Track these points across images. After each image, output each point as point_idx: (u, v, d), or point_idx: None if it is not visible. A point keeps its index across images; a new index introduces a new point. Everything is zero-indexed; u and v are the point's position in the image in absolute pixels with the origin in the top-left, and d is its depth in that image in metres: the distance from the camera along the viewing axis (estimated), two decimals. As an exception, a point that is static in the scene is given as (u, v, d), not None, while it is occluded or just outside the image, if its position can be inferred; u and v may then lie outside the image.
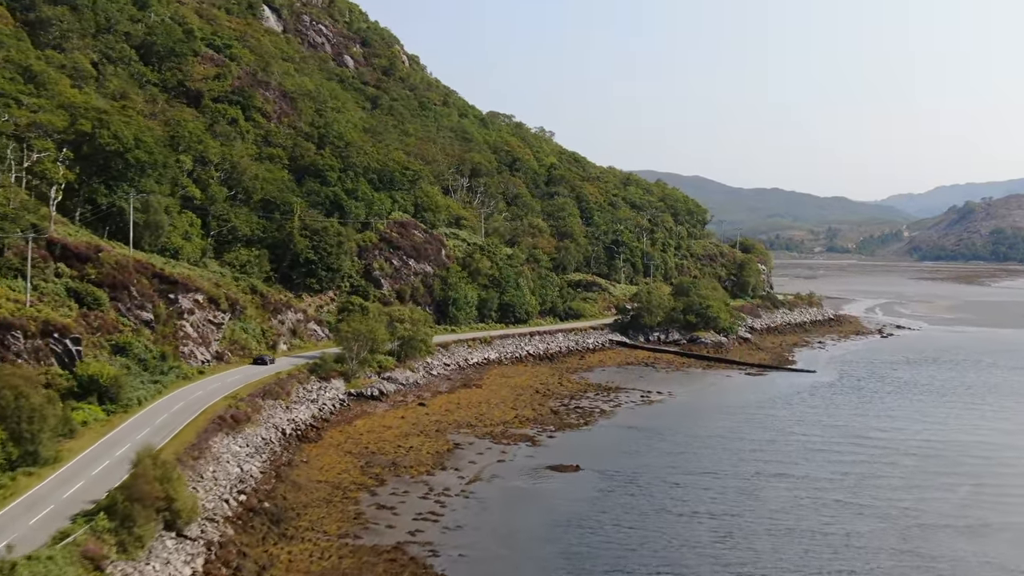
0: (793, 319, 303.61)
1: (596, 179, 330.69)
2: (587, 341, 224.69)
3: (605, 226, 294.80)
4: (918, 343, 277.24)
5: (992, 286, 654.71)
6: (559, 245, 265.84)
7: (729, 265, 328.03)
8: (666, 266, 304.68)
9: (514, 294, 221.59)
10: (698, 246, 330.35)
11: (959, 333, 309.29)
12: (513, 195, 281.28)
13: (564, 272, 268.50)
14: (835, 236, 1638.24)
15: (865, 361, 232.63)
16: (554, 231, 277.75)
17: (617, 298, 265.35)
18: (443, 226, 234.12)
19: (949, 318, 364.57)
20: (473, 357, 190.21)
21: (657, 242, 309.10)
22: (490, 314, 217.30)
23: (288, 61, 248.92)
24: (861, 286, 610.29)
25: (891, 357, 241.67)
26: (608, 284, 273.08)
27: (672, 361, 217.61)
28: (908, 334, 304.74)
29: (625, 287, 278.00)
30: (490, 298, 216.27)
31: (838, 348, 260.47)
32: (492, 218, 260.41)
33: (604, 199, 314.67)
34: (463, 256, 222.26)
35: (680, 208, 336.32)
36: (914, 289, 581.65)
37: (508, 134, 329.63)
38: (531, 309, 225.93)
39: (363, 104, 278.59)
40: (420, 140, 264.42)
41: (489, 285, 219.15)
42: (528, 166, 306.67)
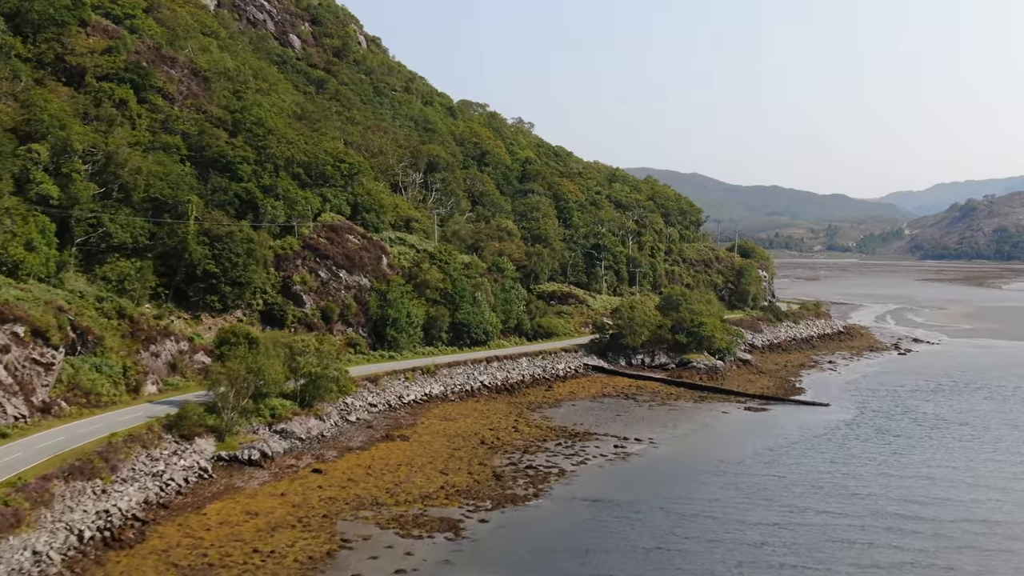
0: (799, 334, 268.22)
1: (578, 175, 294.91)
2: (557, 367, 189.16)
3: (586, 228, 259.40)
4: (941, 361, 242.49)
5: (1004, 289, 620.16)
6: (530, 251, 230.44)
7: (726, 271, 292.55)
8: (654, 273, 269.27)
9: (470, 311, 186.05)
10: (691, 250, 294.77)
11: (984, 348, 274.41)
12: (479, 193, 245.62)
13: (536, 282, 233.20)
14: (835, 234, 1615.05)
15: (885, 388, 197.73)
16: (526, 234, 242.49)
17: (597, 312, 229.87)
18: (389, 229, 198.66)
19: (968, 328, 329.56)
20: (410, 393, 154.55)
21: (645, 246, 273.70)
22: (439, 336, 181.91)
23: (210, 36, 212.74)
24: (866, 289, 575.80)
25: (914, 381, 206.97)
26: (587, 296, 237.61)
27: (658, 391, 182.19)
28: (927, 349, 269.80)
29: (607, 299, 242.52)
30: (440, 316, 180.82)
31: (851, 369, 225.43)
32: (452, 220, 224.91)
33: (586, 197, 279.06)
34: (409, 266, 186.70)
35: (671, 208, 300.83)
36: (923, 292, 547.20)
37: (479, 125, 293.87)
38: (491, 329, 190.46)
39: (306, 88, 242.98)
40: (368, 129, 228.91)
41: (440, 300, 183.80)
42: (499, 160, 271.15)
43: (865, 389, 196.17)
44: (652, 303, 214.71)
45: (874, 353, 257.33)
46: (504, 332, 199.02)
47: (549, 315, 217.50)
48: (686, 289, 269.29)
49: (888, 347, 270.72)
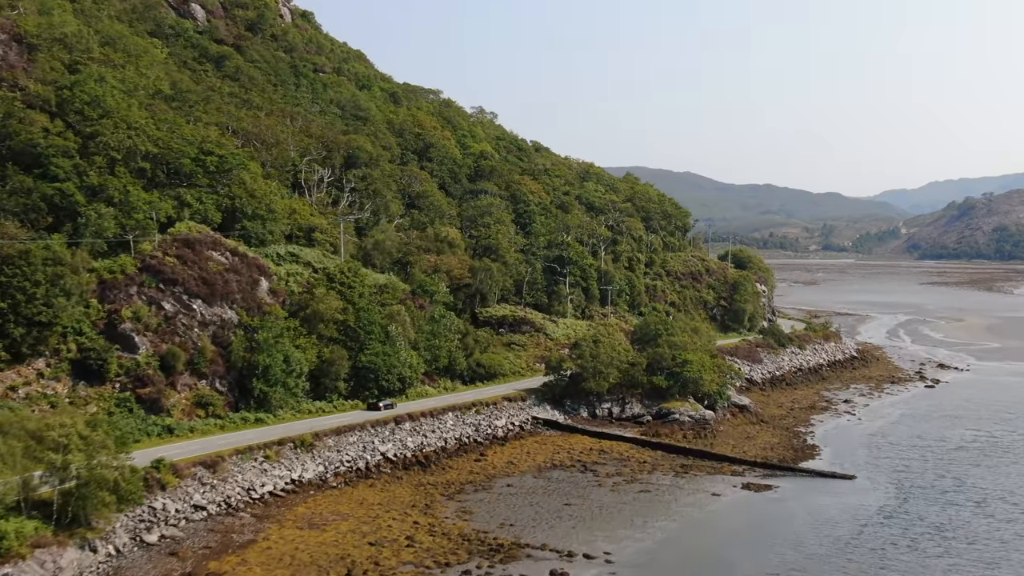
0: (806, 362, 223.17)
1: (544, 173, 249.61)
2: (496, 423, 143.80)
3: (548, 236, 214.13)
4: (978, 396, 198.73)
5: (1015, 294, 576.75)
6: (476, 266, 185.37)
7: (718, 286, 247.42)
8: (632, 291, 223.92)
9: (379, 351, 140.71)
10: (676, 260, 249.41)
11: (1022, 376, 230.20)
12: (415, 194, 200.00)
13: (483, 304, 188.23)
14: (830, 233, 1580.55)
15: (922, 442, 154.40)
16: (473, 245, 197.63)
17: (557, 342, 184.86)
18: (281, 242, 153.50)
19: (995, 348, 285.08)
20: (267, 481, 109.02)
21: (621, 257, 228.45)
22: (334, 386, 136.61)
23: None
24: (869, 295, 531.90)
25: (956, 430, 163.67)
26: (546, 321, 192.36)
27: (627, 457, 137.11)
28: (957, 378, 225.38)
29: (572, 323, 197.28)
30: (336, 360, 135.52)
31: (874, 412, 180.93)
32: (377, 228, 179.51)
33: (551, 199, 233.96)
34: (300, 291, 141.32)
35: (653, 211, 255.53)
36: (931, 299, 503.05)
37: (426, 114, 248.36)
38: (409, 373, 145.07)
39: (198, 66, 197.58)
40: (270, 115, 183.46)
41: (338, 338, 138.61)
42: (446, 155, 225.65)
43: (897, 446, 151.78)
44: (622, 336, 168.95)
45: (897, 386, 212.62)
46: (430, 375, 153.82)
47: (495, 349, 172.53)
48: (668, 313, 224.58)
49: (911, 376, 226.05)
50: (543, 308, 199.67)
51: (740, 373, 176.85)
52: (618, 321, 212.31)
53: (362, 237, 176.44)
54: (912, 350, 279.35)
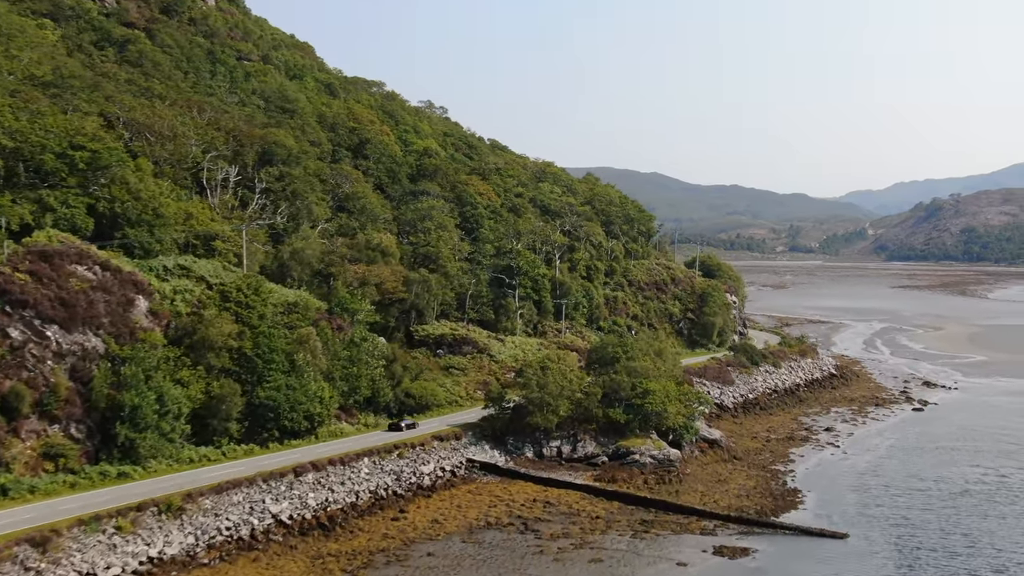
0: (781, 382, 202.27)
1: (496, 172, 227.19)
2: (422, 469, 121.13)
3: (497, 243, 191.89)
4: (972, 421, 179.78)
5: (989, 298, 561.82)
6: (412, 277, 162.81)
7: (685, 296, 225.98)
8: (590, 303, 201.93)
9: (282, 383, 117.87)
10: (640, 269, 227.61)
11: (1018, 395, 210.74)
12: (345, 195, 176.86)
13: (419, 321, 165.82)
14: (797, 234, 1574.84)
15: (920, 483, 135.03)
16: (410, 253, 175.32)
17: (503, 364, 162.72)
18: (173, 252, 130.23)
19: (981, 362, 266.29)
20: (114, 561, 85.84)
21: (578, 266, 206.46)
22: (224, 429, 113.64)
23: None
24: (841, 300, 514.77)
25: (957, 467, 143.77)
26: (491, 340, 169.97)
27: (578, 510, 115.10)
28: (946, 399, 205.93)
29: (521, 342, 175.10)
30: (227, 396, 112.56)
31: (859, 443, 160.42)
32: (297, 235, 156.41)
33: (502, 201, 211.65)
34: (188, 312, 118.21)
35: (615, 214, 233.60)
36: (906, 305, 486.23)
37: (367, 106, 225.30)
38: (320, 409, 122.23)
39: (101, 51, 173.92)
40: (172, 105, 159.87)
41: (231, 369, 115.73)
42: (384, 152, 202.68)
43: (890, 489, 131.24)
44: (575, 360, 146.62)
45: (882, 409, 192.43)
46: (348, 410, 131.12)
47: (432, 373, 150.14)
48: (631, 328, 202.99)
49: (896, 397, 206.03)
50: (489, 325, 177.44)
51: (709, 401, 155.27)
52: (574, 337, 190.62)
53: (279, 245, 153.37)
54: (893, 364, 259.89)
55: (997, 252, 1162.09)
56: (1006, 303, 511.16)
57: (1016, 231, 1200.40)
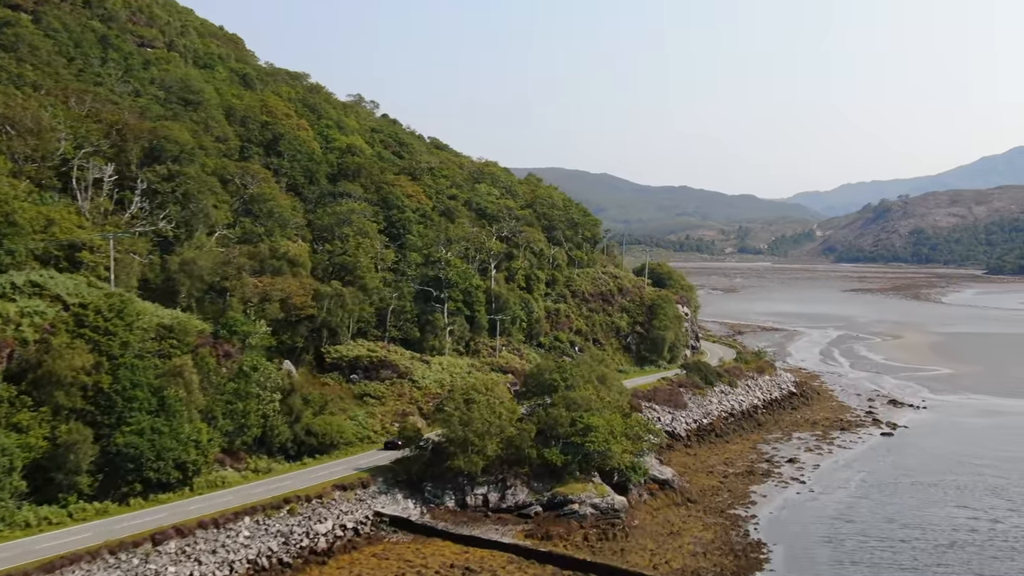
0: (738, 403, 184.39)
1: (428, 172, 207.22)
2: (318, 528, 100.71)
3: (422, 252, 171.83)
4: (949, 450, 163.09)
5: (943, 302, 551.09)
6: (322, 291, 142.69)
7: (633, 308, 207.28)
8: (530, 317, 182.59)
9: (147, 426, 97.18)
10: (584, 278, 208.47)
11: (989, 414, 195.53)
12: (246, 199, 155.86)
13: (332, 342, 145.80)
14: (746, 236, 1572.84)
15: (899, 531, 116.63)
16: (324, 263, 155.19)
17: (427, 391, 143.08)
18: (29, 266, 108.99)
19: (947, 375, 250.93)
20: None
21: (516, 275, 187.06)
22: (71, 483, 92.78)
23: None
24: (793, 304, 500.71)
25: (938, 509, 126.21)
26: (414, 362, 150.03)
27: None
28: (916, 420, 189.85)
29: (449, 363, 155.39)
30: (74, 443, 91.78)
31: (828, 479, 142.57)
32: (191, 243, 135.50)
33: (433, 205, 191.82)
34: (37, 339, 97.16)
35: (557, 218, 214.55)
36: (860, 310, 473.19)
37: (285, 99, 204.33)
38: (195, 455, 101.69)
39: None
40: (50, 93, 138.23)
41: (83, 411, 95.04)
42: (300, 149, 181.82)
43: (868, 540, 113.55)
44: (505, 389, 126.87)
45: (848, 434, 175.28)
46: (234, 453, 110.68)
47: (341, 404, 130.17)
48: (574, 344, 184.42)
49: (862, 418, 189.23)
50: (414, 344, 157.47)
51: (660, 434, 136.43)
52: (511, 356, 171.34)
53: (168, 256, 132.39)
54: (854, 378, 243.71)
55: (946, 254, 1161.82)
56: (961, 308, 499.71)
57: (964, 232, 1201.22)
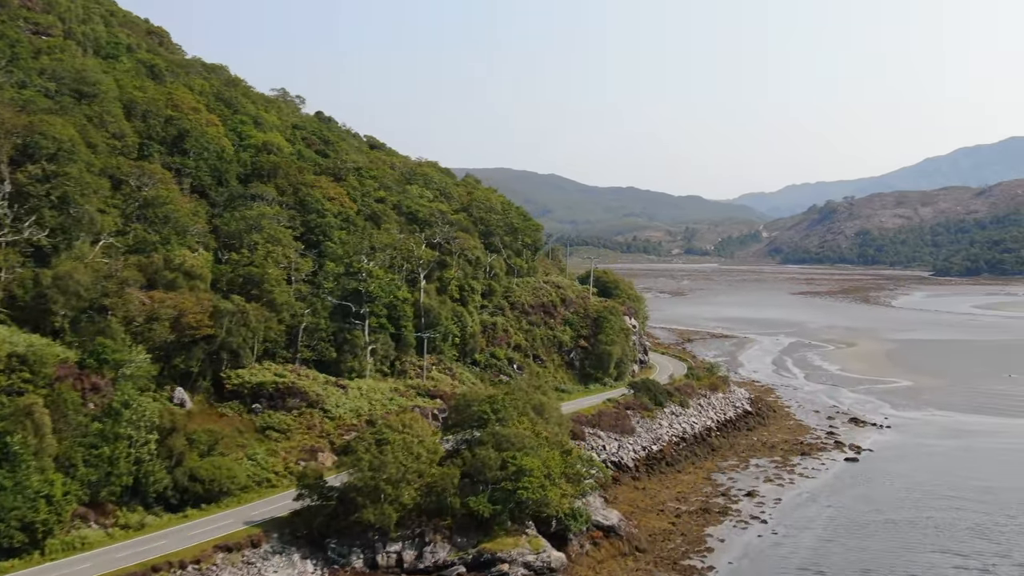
0: (690, 426, 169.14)
1: (356, 172, 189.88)
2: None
3: (347, 259, 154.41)
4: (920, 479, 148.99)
5: (894, 305, 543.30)
6: (222, 307, 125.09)
7: (577, 321, 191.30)
8: (464, 332, 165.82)
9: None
10: (524, 288, 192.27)
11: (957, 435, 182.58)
12: (144, 201, 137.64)
13: (234, 365, 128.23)
14: (693, 236, 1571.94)
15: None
16: (228, 275, 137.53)
17: (342, 421, 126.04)
18: None
19: (907, 388, 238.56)
20: None
21: (449, 286, 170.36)
22: None
23: None
24: (742, 309, 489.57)
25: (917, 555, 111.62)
26: (329, 387, 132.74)
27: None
28: (880, 441, 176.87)
29: (370, 388, 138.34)
30: None
31: (791, 517, 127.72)
32: (67, 254, 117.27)
33: (358, 208, 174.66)
34: None
35: (495, 223, 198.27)
36: (810, 315, 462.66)
37: (198, 93, 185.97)
38: (47, 515, 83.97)
39: None
40: None
41: None
42: (208, 146, 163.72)
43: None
44: (425, 424, 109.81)
45: (809, 459, 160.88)
46: (100, 506, 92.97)
47: (238, 441, 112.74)
48: (512, 361, 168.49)
49: (823, 440, 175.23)
50: (330, 366, 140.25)
51: (605, 471, 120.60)
52: (442, 376, 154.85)
53: (41, 269, 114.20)
54: (810, 392, 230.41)
55: (892, 255, 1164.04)
56: (912, 312, 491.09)
57: (910, 234, 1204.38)
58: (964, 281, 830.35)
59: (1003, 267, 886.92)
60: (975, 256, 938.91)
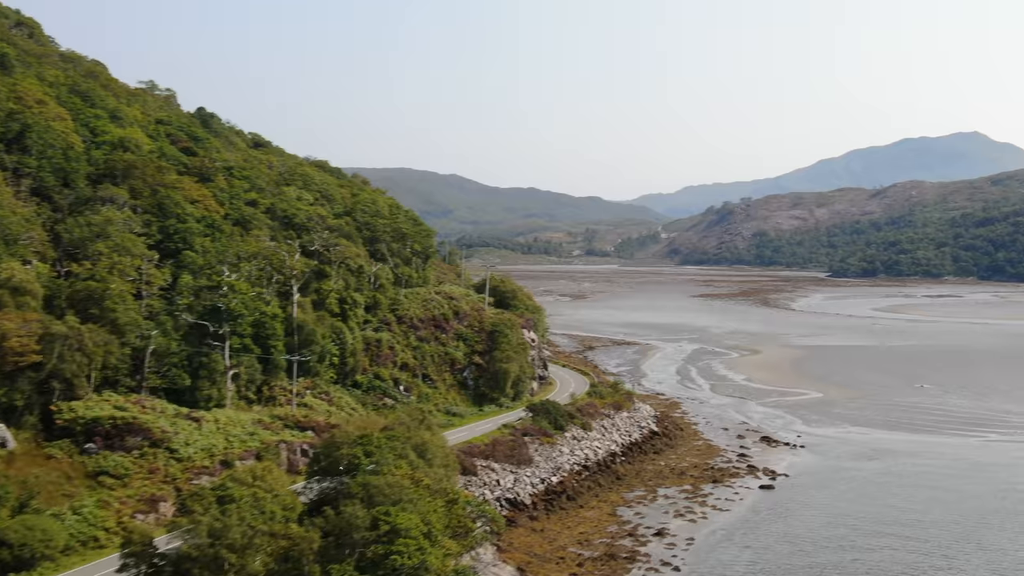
0: (592, 452, 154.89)
1: (226, 172, 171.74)
2: None
3: (208, 271, 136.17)
4: (845, 508, 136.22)
5: (794, 308, 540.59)
6: (54, 331, 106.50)
7: (471, 335, 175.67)
8: (344, 351, 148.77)
9: None
10: (413, 300, 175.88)
11: (880, 455, 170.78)
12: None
13: (68, 396, 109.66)
14: (593, 238, 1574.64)
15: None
16: (67, 292, 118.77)
17: (191, 463, 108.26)
18: None
19: (818, 400, 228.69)
20: None
21: (327, 299, 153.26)
22: None
23: None
24: (644, 313, 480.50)
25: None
26: (178, 422, 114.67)
27: None
28: (795, 464, 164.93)
29: (228, 420, 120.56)
30: None
31: (706, 562, 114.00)
32: None
33: (225, 212, 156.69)
34: None
35: (382, 228, 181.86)
36: (712, 319, 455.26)
37: (50, 83, 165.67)
38: None
39: None
40: None
41: None
42: (52, 142, 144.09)
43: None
44: (282, 474, 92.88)
45: (722, 489, 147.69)
46: None
47: (64, 490, 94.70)
48: (399, 382, 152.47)
49: (734, 464, 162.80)
50: (183, 395, 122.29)
51: (499, 517, 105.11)
52: (317, 402, 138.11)
53: None
54: (717, 406, 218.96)
55: (788, 256, 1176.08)
56: (813, 315, 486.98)
57: (807, 235, 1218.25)
58: (861, 282, 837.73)
59: (899, 268, 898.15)
60: (871, 257, 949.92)
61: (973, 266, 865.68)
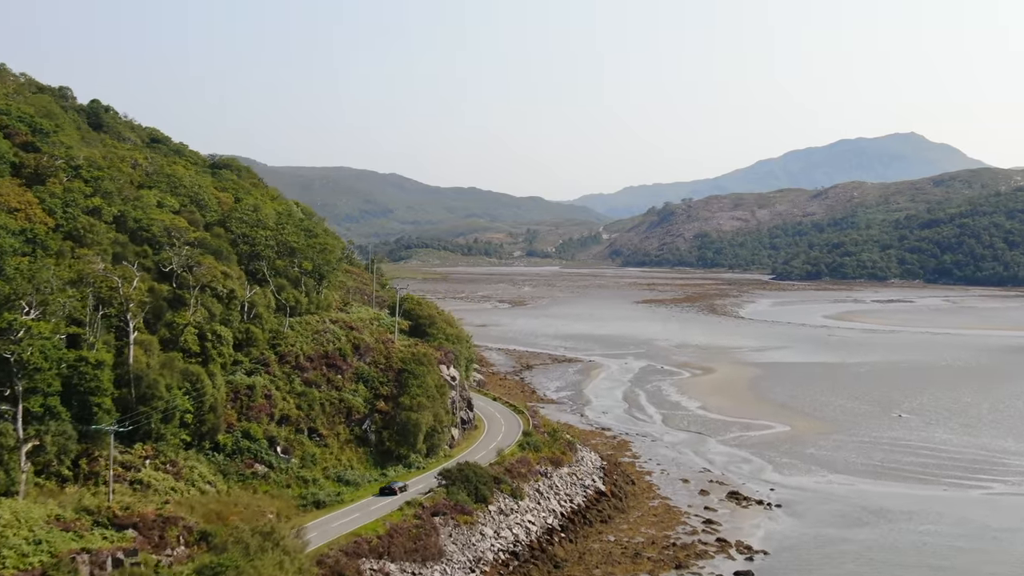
0: (524, 531, 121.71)
1: (73, 172, 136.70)
2: None
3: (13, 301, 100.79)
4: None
5: (742, 316, 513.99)
6: None
7: (375, 375, 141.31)
8: (202, 406, 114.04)
9: None
10: (303, 333, 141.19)
11: (872, 518, 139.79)
12: None
13: None
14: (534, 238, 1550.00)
15: None
16: None
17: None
18: None
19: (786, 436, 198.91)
20: None
21: (183, 336, 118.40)
22: None
23: None
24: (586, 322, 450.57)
25: None
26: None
27: None
28: (775, 534, 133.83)
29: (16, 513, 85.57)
30: None
31: None
32: None
33: (56, 223, 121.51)
34: None
35: (262, 241, 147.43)
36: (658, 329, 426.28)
37: None
38: None
39: None
40: None
41: None
42: None
43: None
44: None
45: (684, 570, 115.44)
46: None
47: None
48: (274, 441, 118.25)
49: (700, 536, 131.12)
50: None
51: None
52: (159, 476, 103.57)
53: None
54: (672, 444, 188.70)
55: (731, 258, 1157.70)
56: (764, 324, 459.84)
57: (749, 236, 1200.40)
58: (806, 285, 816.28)
59: (844, 271, 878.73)
60: (816, 259, 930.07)
61: (919, 269, 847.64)
